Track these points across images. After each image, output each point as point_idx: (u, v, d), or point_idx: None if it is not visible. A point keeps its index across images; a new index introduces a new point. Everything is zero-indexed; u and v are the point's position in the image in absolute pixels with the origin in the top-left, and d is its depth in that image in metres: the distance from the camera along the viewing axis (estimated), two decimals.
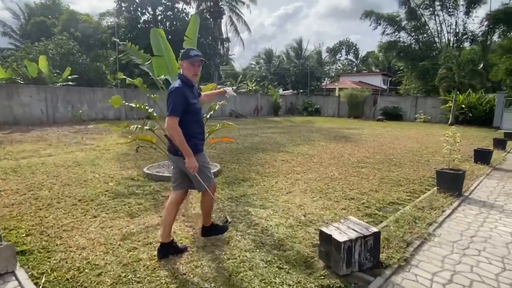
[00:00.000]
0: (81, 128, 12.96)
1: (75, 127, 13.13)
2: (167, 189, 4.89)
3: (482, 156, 7.18)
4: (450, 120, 19.29)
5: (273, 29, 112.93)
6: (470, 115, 19.28)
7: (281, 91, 37.56)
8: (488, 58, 23.55)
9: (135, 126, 5.97)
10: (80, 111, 16.11)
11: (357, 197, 4.70)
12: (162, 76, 6.16)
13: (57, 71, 19.27)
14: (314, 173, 6.15)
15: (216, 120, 18.21)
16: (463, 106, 19.57)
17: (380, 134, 13.38)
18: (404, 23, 31.48)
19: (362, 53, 62.59)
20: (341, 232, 2.61)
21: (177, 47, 6.15)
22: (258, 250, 2.96)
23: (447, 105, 20.48)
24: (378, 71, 52.81)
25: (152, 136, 6.11)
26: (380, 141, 11.09)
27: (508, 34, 26.19)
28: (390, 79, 46.65)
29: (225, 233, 3.29)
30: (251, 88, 37.04)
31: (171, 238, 2.89)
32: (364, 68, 58.50)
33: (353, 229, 2.66)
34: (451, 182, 4.78)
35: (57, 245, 3.04)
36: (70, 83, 17.96)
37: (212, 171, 4.24)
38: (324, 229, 2.70)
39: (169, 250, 2.82)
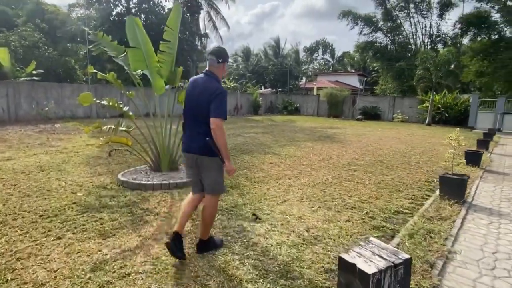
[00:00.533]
0: (46, 127, 11.86)
1: (39, 126, 12.01)
2: (146, 199, 4.28)
3: (473, 158, 7.06)
4: (427, 120, 19.65)
5: (250, 27, 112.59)
6: (446, 115, 19.74)
7: (260, 90, 37.11)
8: (459, 60, 24.35)
9: (108, 126, 5.29)
10: (46, 109, 14.85)
11: (358, 205, 4.31)
12: (139, 71, 5.51)
13: (20, 65, 17.77)
14: (307, 178, 5.73)
15: None
16: (440, 106, 20.00)
17: (363, 134, 13.25)
18: (380, 23, 32.03)
19: (338, 53, 63.45)
20: (366, 260, 2.16)
21: (153, 43, 5.52)
22: (262, 280, 2.46)
23: (424, 105, 20.87)
24: (353, 71, 53.76)
25: (127, 138, 5.45)
26: (365, 142, 10.90)
27: (478, 37, 27.25)
28: (365, 79, 47.55)
29: (221, 255, 2.77)
30: (229, 86, 36.40)
31: (182, 232, 2.83)
32: (340, 68, 59.41)
33: (380, 256, 2.21)
34: (455, 188, 4.50)
35: (7, 281, 2.40)
36: (35, 78, 16.55)
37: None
38: (345, 256, 2.23)
39: (178, 242, 2.71)
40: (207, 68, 2.80)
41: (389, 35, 32.46)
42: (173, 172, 5.55)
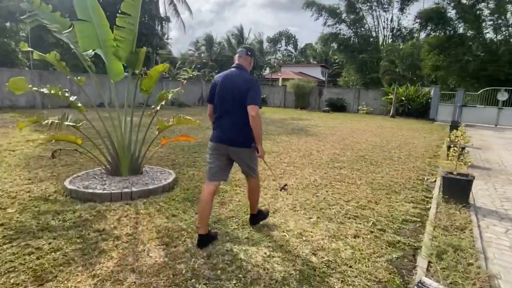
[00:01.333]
0: None
1: None
2: (101, 215, 3.34)
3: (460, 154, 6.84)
4: (391, 112, 20.04)
5: (211, 15, 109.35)
6: (409, 107, 20.26)
7: None
8: (418, 53, 25.22)
9: (51, 120, 4.19)
10: None
11: (360, 213, 3.73)
12: (90, 51, 4.43)
13: None
14: (293, 179, 5.08)
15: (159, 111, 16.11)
16: (403, 98, 20.47)
17: (335, 127, 12.95)
18: (344, 15, 32.24)
19: (301, 44, 63.74)
20: None
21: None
22: None
23: (388, 97, 21.27)
24: (316, 63, 54.33)
25: (76, 135, 4.39)
26: (340, 135, 10.54)
27: (435, 32, 28.40)
28: (328, 71, 48.18)
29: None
30: (191, 75, 34.75)
31: (209, 229, 2.91)
32: (303, 59, 59.79)
33: None
34: (459, 190, 4.10)
35: None
36: None
37: (166, 180, 4.49)
38: None
39: (208, 240, 2.83)
40: (237, 62, 2.92)
41: (352, 27, 32.79)
42: (135, 176, 4.59)
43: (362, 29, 32.83)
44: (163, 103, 4.71)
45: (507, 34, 26.55)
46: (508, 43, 26.69)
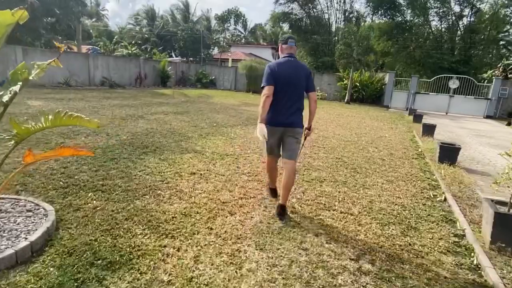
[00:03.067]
0: None
1: None
2: None
3: (448, 154, 5.67)
4: (346, 98, 19.25)
5: None
6: (363, 93, 19.67)
7: (169, 58, 32.36)
8: (373, 37, 24.81)
9: None
10: None
11: None
12: None
13: None
14: (259, 208, 3.33)
15: (68, 91, 13.03)
16: (357, 84, 19.79)
17: None
18: None
19: (250, 24, 61.43)
20: None
21: None
22: None
23: (343, 82, 20.46)
24: (266, 44, 52.79)
25: None
26: None
27: (386, 18, 28.31)
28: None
29: None
30: (130, 52, 30.77)
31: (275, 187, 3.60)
32: (252, 40, 57.80)
33: None
34: None
35: None
36: None
37: (30, 234, 2.46)
38: None
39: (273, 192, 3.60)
40: (289, 52, 3.15)
41: (305, 7, 31.49)
42: None
43: (315, 9, 31.73)
44: (16, 86, 2.52)
45: (450, 22, 27.39)
46: (451, 31, 27.65)
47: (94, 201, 3.19)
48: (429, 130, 8.50)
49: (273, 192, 3.60)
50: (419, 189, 4.39)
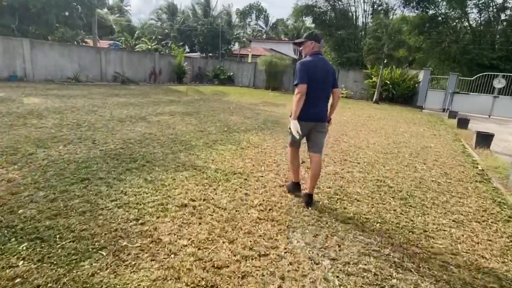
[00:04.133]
0: None
1: None
2: None
3: None
4: (374, 97, 17.59)
5: None
6: (394, 92, 17.94)
7: (187, 54, 31.49)
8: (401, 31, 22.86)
9: None
10: None
11: None
12: None
13: None
14: (277, 272, 2.12)
15: (75, 87, 12.11)
16: (388, 82, 18.07)
17: None
18: None
19: (272, 20, 60.12)
20: None
21: None
22: None
23: (371, 80, 18.80)
24: (287, 39, 51.30)
25: None
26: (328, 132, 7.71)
27: (418, 10, 26.14)
28: (300, 49, 45.06)
29: None
30: (150, 47, 30.17)
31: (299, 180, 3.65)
32: (273, 35, 56.41)
33: None
34: None
35: None
36: None
37: None
38: None
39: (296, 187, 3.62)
40: (318, 50, 3.28)
41: (330, 0, 29.74)
42: None
43: (340, 2, 29.90)
44: None
45: (491, 15, 24.92)
46: (491, 25, 25.17)
47: (21, 263, 2.09)
48: (484, 140, 6.96)
49: (297, 187, 3.63)
50: (507, 238, 3.03)
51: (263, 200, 3.40)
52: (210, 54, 37.55)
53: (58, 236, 2.41)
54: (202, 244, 2.47)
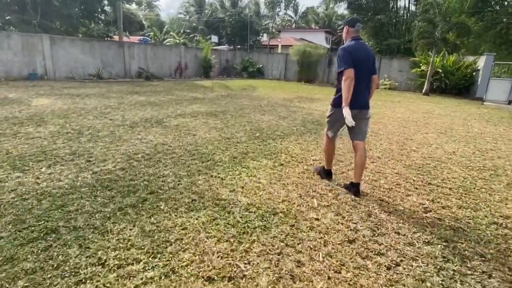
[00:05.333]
0: None
1: None
2: None
3: None
4: (424, 88, 15.41)
5: None
6: (447, 82, 15.63)
7: (214, 46, 30.41)
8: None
9: None
10: None
11: None
12: None
13: None
14: None
15: (95, 85, 11.20)
16: (439, 70, 15.78)
17: None
18: None
19: (302, 8, 57.76)
20: None
21: None
22: None
23: (419, 69, 16.58)
24: (317, 28, 48.91)
25: None
26: (386, 135, 6.12)
27: None
28: (332, 38, 42.66)
29: None
30: (178, 41, 29.42)
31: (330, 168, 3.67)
32: (303, 24, 54.16)
33: None
34: None
35: None
36: None
37: None
38: None
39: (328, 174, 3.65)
40: (357, 34, 3.22)
41: None
42: None
43: None
44: None
45: None
46: None
47: None
48: None
49: (329, 175, 3.65)
50: None
51: (330, 276, 2.01)
52: (238, 46, 36.28)
53: None
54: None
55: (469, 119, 8.74)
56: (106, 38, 19.07)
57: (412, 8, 26.68)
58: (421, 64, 16.65)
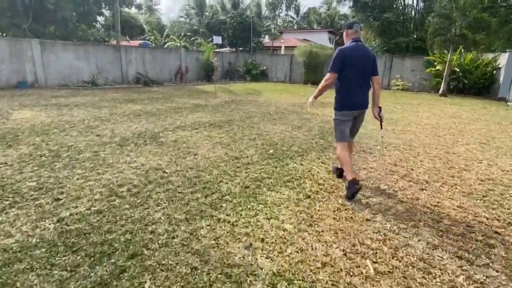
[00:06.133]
0: None
1: None
2: None
3: None
4: (441, 89, 14.41)
5: None
6: (465, 81, 14.63)
7: (215, 48, 29.53)
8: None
9: None
10: None
11: None
12: None
13: None
14: None
15: (88, 92, 10.25)
16: (457, 69, 14.78)
17: (392, 121, 7.50)
18: None
19: (303, 9, 57.05)
20: None
21: None
22: None
23: (434, 68, 15.58)
24: (320, 28, 48.13)
25: None
26: (423, 147, 5.17)
27: None
28: (335, 38, 41.71)
29: None
30: (178, 44, 28.65)
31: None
32: (305, 25, 53.40)
33: None
34: None
35: None
36: None
37: None
38: None
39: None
40: (357, 36, 3.26)
41: None
42: None
43: None
44: None
45: None
46: None
47: None
48: None
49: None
50: None
51: None
52: (241, 48, 35.40)
53: None
54: None
55: (505, 124, 7.76)
56: (105, 43, 18.25)
57: (421, 4, 25.69)
58: (435, 63, 15.66)
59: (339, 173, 3.58)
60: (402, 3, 26.47)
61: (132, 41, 32.91)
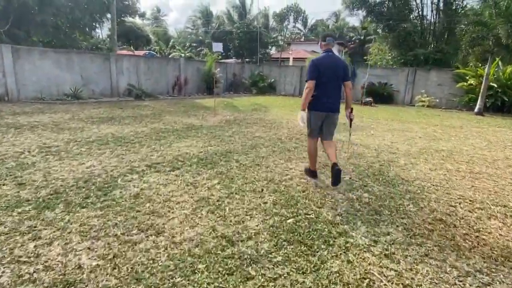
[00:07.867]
0: None
1: None
2: None
3: None
4: (478, 107, 12.45)
5: None
6: (505, 98, 12.67)
7: (221, 59, 28.03)
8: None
9: None
10: None
11: None
12: None
13: None
14: None
15: (62, 108, 8.00)
16: (494, 85, 12.85)
17: (425, 152, 5.56)
18: None
19: (311, 21, 55.87)
20: None
21: None
22: None
23: (466, 83, 13.67)
24: None
25: None
26: (503, 210, 3.23)
27: None
28: (345, 50, 40.08)
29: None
30: (183, 55, 27.28)
31: (315, 168, 3.90)
32: (313, 37, 52.09)
33: None
34: None
35: None
36: None
37: None
38: None
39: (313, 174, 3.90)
40: (329, 47, 3.65)
41: None
42: None
43: None
44: None
45: None
46: None
47: None
48: None
49: (314, 174, 3.91)
50: None
51: None
52: (247, 59, 33.89)
53: None
54: None
55: None
56: (96, 51, 16.68)
57: (441, 14, 23.92)
58: (467, 77, 13.76)
59: (312, 174, 3.92)
60: (420, 13, 24.78)
61: (137, 51, 31.77)
